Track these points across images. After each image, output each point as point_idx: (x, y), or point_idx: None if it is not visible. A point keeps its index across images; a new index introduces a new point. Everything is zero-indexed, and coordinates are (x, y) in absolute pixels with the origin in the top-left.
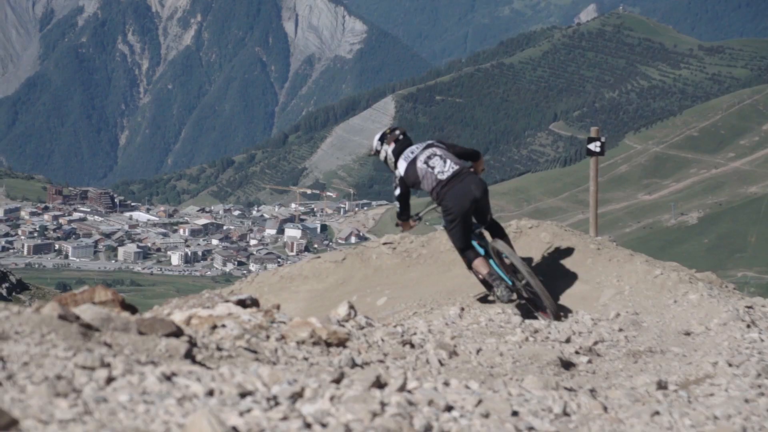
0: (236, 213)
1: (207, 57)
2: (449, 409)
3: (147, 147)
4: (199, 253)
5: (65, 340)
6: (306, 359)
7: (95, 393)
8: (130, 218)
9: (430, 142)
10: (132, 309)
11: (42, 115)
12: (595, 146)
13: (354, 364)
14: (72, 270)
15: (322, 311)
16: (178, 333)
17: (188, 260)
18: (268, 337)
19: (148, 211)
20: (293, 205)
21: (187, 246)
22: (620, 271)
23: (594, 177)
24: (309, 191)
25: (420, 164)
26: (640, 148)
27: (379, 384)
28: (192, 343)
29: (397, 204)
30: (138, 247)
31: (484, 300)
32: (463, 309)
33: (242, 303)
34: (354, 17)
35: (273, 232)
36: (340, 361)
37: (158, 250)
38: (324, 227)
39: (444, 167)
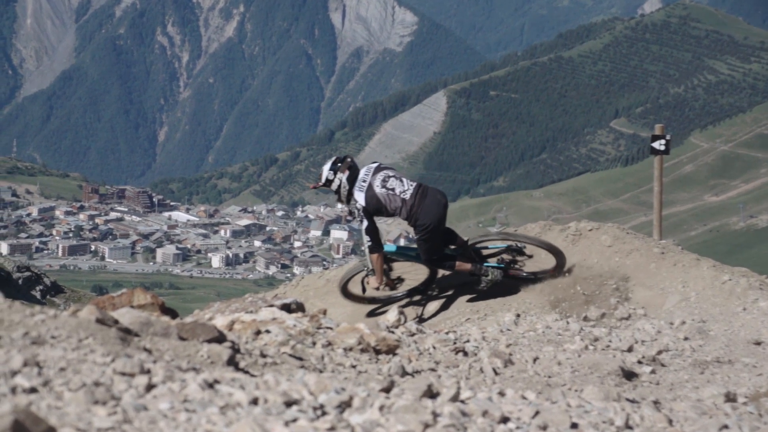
0: (280, 213)
1: (250, 49)
2: (505, 420)
3: (187, 144)
4: (241, 256)
5: (103, 345)
6: (354, 367)
7: (135, 400)
8: (169, 218)
9: (375, 164)
10: (172, 313)
11: (78, 110)
12: (659, 144)
13: (404, 373)
14: (108, 272)
15: (370, 317)
16: (220, 338)
17: (229, 263)
18: (314, 343)
19: (187, 211)
20: (339, 206)
21: (229, 248)
22: (686, 277)
23: (658, 177)
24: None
25: (378, 189)
26: (706, 146)
27: (431, 393)
28: (235, 349)
29: (367, 239)
30: (177, 248)
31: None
32: (518, 315)
33: (287, 307)
34: (404, 8)
35: (318, 233)
36: (390, 369)
37: (198, 251)
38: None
39: (404, 186)
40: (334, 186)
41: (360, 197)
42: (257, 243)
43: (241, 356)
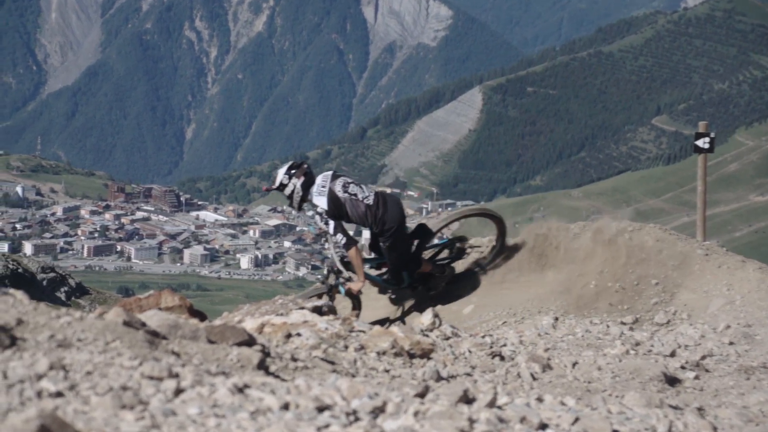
0: (310, 213)
1: (280, 44)
2: (543, 427)
3: (215, 141)
4: (271, 256)
5: (131, 348)
6: (387, 371)
7: (163, 405)
8: (197, 218)
9: (332, 172)
10: (200, 315)
11: (103, 107)
12: (703, 143)
13: (439, 377)
14: (134, 273)
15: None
16: (250, 342)
17: (259, 263)
18: (346, 347)
19: (215, 210)
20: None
21: (258, 248)
22: (731, 279)
23: (702, 176)
24: (389, 190)
25: (341, 194)
26: (752, 144)
27: (467, 399)
28: (265, 353)
29: (339, 236)
30: (205, 249)
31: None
32: (557, 319)
33: (318, 310)
34: (438, 2)
35: (350, 233)
36: (425, 374)
37: (227, 252)
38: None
39: (365, 192)
40: (287, 191)
41: (321, 201)
42: (287, 243)
43: (272, 360)
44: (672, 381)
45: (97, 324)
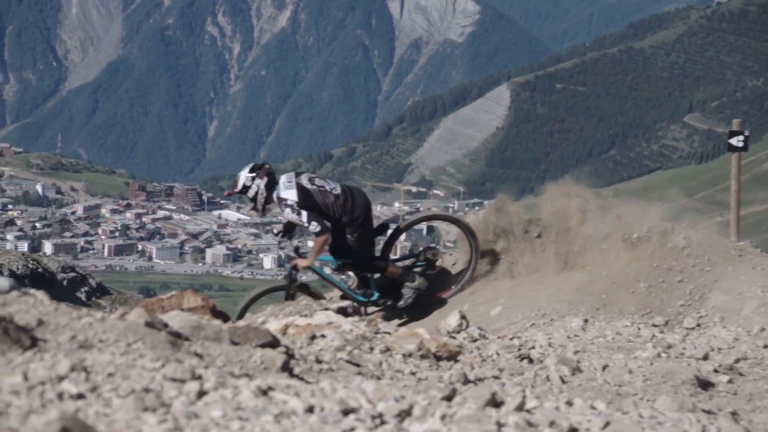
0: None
1: (304, 40)
2: (573, 431)
3: (238, 139)
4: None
5: (153, 350)
6: (413, 374)
7: (186, 407)
8: (219, 217)
9: (295, 171)
10: (223, 316)
11: (124, 104)
12: (737, 141)
13: (466, 380)
14: (156, 273)
15: (430, 321)
16: (274, 343)
17: (282, 263)
18: (371, 348)
19: (238, 209)
20: (397, 204)
21: (281, 248)
22: (765, 281)
23: (736, 175)
24: (414, 189)
25: (308, 186)
26: None
27: (495, 402)
28: (289, 355)
29: (314, 225)
30: (227, 248)
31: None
32: (586, 321)
33: (343, 311)
34: None
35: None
36: (451, 377)
37: (249, 252)
38: (431, 229)
39: (332, 184)
40: (251, 192)
41: (290, 194)
42: (310, 243)
43: (296, 362)
44: (705, 385)
45: (119, 325)
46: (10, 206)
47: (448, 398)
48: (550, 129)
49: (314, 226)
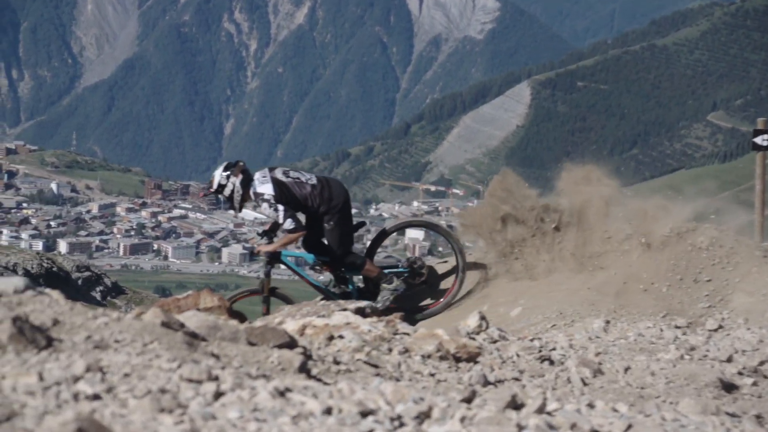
0: (352, 211)
1: (321, 37)
2: None
3: (254, 137)
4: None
5: (169, 350)
6: (433, 375)
7: (202, 409)
8: (236, 216)
9: (267, 167)
10: (240, 316)
11: (140, 101)
12: (762, 140)
13: (486, 382)
14: (172, 272)
15: (450, 322)
16: (291, 344)
17: (299, 263)
18: (390, 349)
19: (254, 208)
20: (415, 204)
21: (298, 247)
22: None
23: (761, 175)
24: (433, 188)
25: (284, 179)
26: None
27: (515, 404)
28: (307, 356)
29: (288, 222)
30: (244, 248)
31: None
32: (608, 322)
33: (361, 311)
34: None
35: (393, 233)
36: (471, 378)
37: None
38: (450, 228)
39: (307, 175)
40: (227, 191)
41: (266, 188)
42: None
43: (314, 363)
44: (729, 387)
45: (135, 325)
46: (24, 204)
47: (468, 400)
48: (571, 127)
49: (289, 223)
